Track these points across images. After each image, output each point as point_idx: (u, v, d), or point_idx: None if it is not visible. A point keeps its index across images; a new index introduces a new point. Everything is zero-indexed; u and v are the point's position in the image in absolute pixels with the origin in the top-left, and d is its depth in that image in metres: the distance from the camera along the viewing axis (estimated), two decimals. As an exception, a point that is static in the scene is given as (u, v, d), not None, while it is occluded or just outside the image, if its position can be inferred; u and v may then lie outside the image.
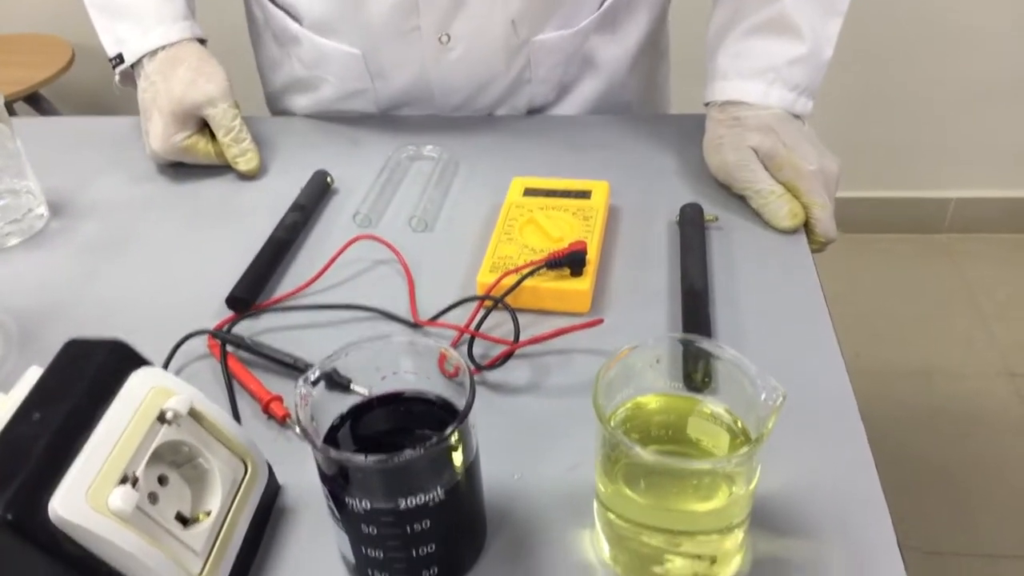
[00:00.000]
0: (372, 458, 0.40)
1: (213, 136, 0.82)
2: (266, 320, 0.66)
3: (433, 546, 0.44)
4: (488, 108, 0.90)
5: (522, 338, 0.60)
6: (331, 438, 0.46)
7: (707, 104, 0.80)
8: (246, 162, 0.81)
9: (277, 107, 0.98)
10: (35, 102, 1.93)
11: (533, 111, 0.91)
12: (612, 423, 0.46)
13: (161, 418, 0.45)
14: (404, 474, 0.42)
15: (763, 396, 0.43)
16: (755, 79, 0.75)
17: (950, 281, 2.05)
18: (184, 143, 0.80)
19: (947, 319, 1.94)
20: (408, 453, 0.40)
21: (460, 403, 0.44)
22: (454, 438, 0.42)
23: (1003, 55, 1.92)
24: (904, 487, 1.56)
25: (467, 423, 0.44)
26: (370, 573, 0.46)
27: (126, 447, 0.42)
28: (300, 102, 0.94)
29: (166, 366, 0.61)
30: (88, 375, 0.44)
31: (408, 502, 0.42)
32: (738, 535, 0.46)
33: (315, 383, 0.45)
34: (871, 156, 2.07)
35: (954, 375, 1.80)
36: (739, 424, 0.45)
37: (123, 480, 0.41)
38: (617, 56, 0.89)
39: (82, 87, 2.12)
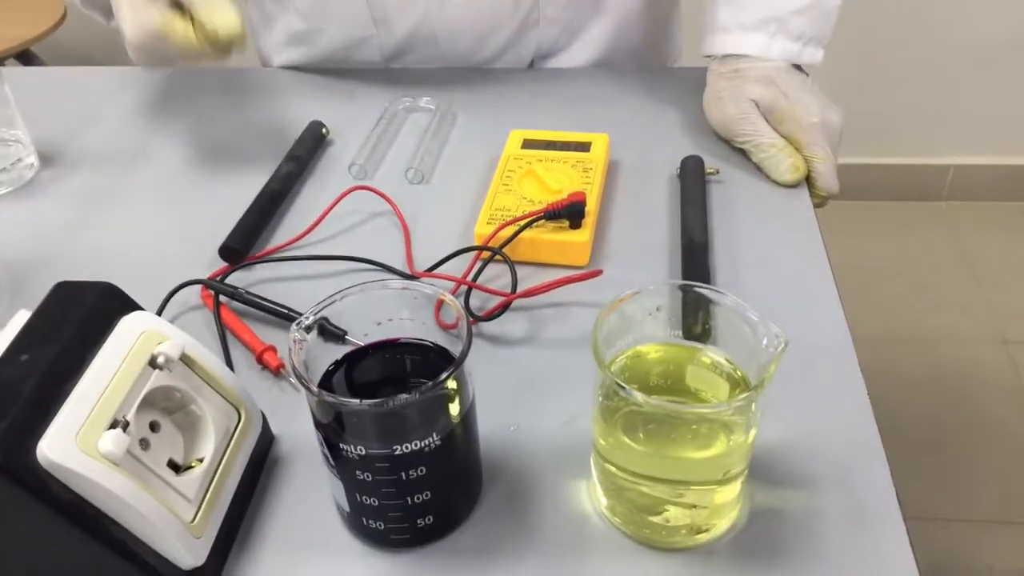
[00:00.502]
0: (367, 402, 0.40)
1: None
2: (260, 271, 0.65)
3: (428, 494, 0.44)
4: (495, 53, 0.87)
5: (519, 289, 0.59)
6: (325, 384, 0.45)
7: (707, 56, 0.78)
8: (226, 26, 0.66)
9: (271, 64, 0.96)
10: (27, 59, 1.91)
11: (541, 57, 0.89)
12: (611, 371, 0.45)
13: (152, 363, 0.44)
14: (399, 419, 0.41)
15: (764, 343, 0.42)
16: (756, 31, 0.73)
17: (947, 248, 2.04)
18: (158, 25, 0.66)
19: (943, 286, 1.93)
20: (403, 397, 0.39)
21: (457, 351, 0.44)
22: (450, 384, 0.42)
23: (1003, 20, 1.90)
24: (896, 453, 1.56)
25: (464, 370, 0.43)
26: (364, 521, 0.45)
27: (117, 391, 0.42)
28: (295, 56, 0.91)
29: (159, 315, 0.60)
30: (78, 317, 0.44)
31: (403, 448, 0.41)
32: (736, 485, 0.45)
33: (308, 329, 0.44)
34: (870, 123, 2.05)
35: (949, 342, 1.80)
36: (739, 373, 0.45)
37: (113, 424, 0.41)
38: None
39: (74, 44, 2.09)
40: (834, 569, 0.44)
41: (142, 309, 0.46)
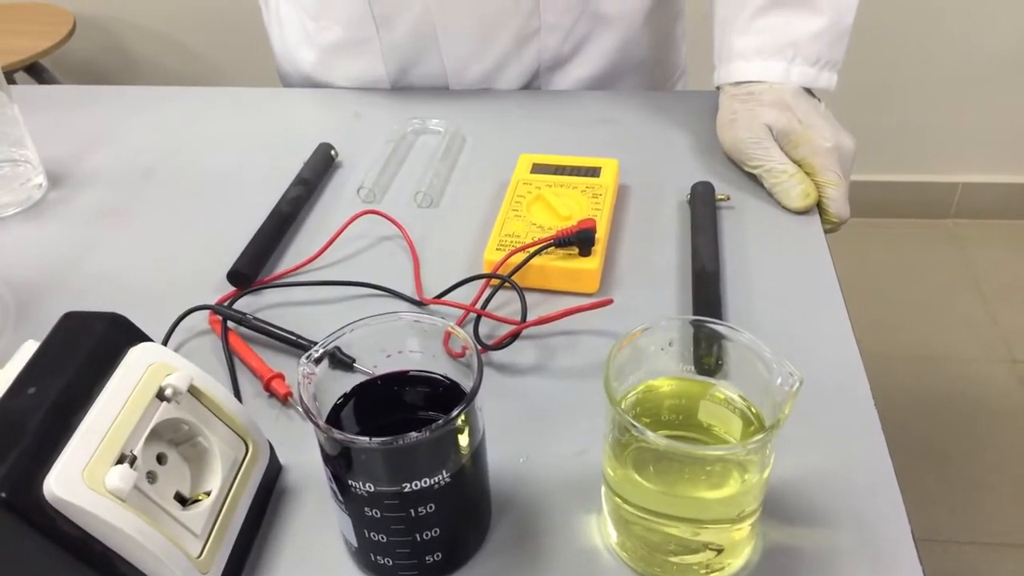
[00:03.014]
0: (376, 440, 0.39)
1: None
2: (268, 296, 0.65)
3: (438, 531, 0.43)
4: (498, 61, 0.87)
5: (529, 318, 0.58)
6: (334, 417, 0.44)
7: (719, 87, 0.78)
8: None
9: (284, 67, 0.96)
10: (36, 72, 1.91)
11: (547, 69, 0.88)
12: (623, 406, 0.45)
13: (160, 395, 0.44)
14: (409, 457, 0.41)
15: (779, 381, 0.42)
16: (775, 57, 0.73)
17: (955, 266, 2.03)
18: None
19: (951, 304, 1.93)
20: (413, 436, 0.39)
21: (466, 384, 0.43)
22: (460, 420, 0.41)
23: (1010, 38, 1.90)
24: (903, 473, 1.55)
25: (474, 405, 0.43)
26: (373, 558, 0.45)
27: (124, 424, 0.41)
28: (307, 56, 0.91)
29: (166, 341, 0.60)
30: (86, 349, 0.43)
31: (412, 485, 0.41)
32: (749, 524, 0.45)
33: (318, 361, 0.43)
34: (878, 140, 2.05)
35: (956, 360, 1.79)
36: (753, 410, 0.44)
37: (121, 458, 0.40)
38: (630, 7, 0.86)
39: (83, 57, 2.10)
40: (848, 609, 0.44)
41: (150, 340, 0.46)
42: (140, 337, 0.46)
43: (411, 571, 0.45)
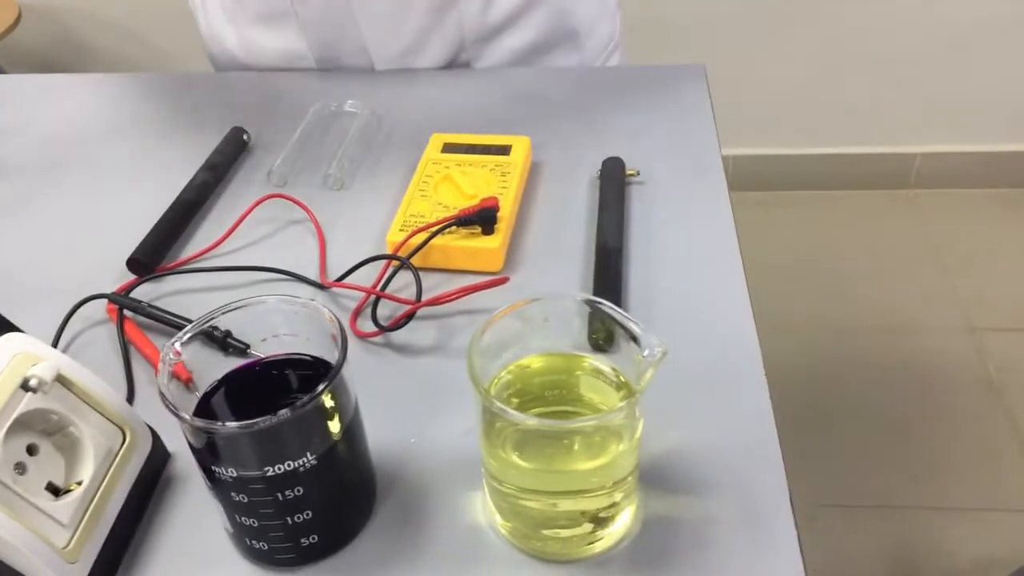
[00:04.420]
0: (232, 424, 0.39)
1: None
2: (170, 283, 0.64)
3: (309, 513, 0.43)
4: (417, 36, 0.86)
5: (427, 297, 0.58)
6: (206, 403, 0.44)
7: None
8: None
9: (212, 49, 0.94)
10: (-18, 63, 1.89)
11: (478, 40, 0.87)
12: (495, 386, 0.45)
13: (25, 386, 0.43)
14: (269, 440, 0.40)
15: (645, 352, 0.41)
16: None
17: (914, 236, 2.04)
18: None
19: (910, 274, 1.94)
20: (269, 418, 0.39)
21: (343, 366, 0.43)
22: (325, 401, 0.41)
23: (967, 6, 1.90)
24: (860, 441, 1.57)
25: (343, 385, 0.43)
26: (248, 542, 0.45)
27: (-18, 416, 0.41)
28: (230, 36, 0.90)
29: (61, 331, 0.59)
30: (-54, 342, 0.43)
31: (276, 469, 0.41)
32: (626, 491, 0.45)
33: (185, 344, 0.43)
34: (836, 112, 2.05)
35: (915, 330, 1.80)
36: (622, 378, 0.44)
37: (-23, 451, 0.40)
38: None
39: (30, 47, 2.07)
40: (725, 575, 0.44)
41: (18, 330, 0.46)
42: (6, 327, 0.45)
43: (287, 554, 0.45)
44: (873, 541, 1.42)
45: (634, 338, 0.42)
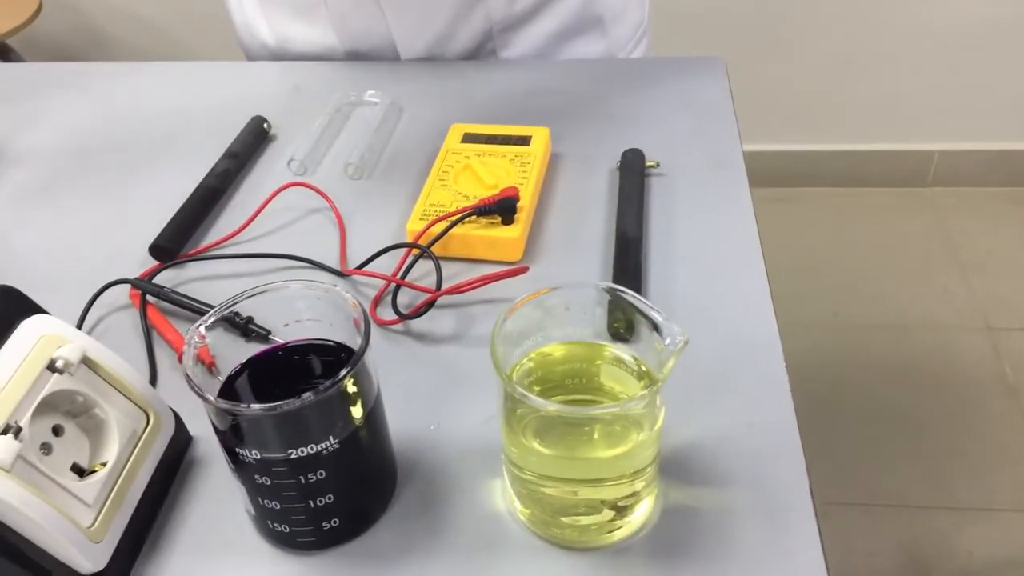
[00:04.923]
0: (256, 407, 0.39)
1: None
2: (192, 270, 0.65)
3: (331, 497, 0.43)
4: (446, 26, 0.86)
5: (447, 286, 0.58)
6: (229, 386, 0.44)
7: None
8: None
9: (245, 40, 0.95)
10: (3, 53, 1.90)
11: (500, 31, 0.87)
12: (517, 373, 0.45)
13: (52, 367, 0.43)
14: (293, 423, 0.41)
15: (667, 341, 0.42)
16: None
17: (932, 235, 2.03)
18: None
19: (927, 273, 1.92)
20: (293, 401, 0.39)
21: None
22: (348, 386, 0.41)
23: (986, 4, 1.88)
24: (875, 440, 1.56)
25: (366, 371, 0.43)
26: (270, 525, 0.45)
27: (10, 396, 0.41)
28: (263, 26, 0.91)
29: (84, 315, 0.60)
30: (-26, 323, 0.43)
31: (299, 452, 0.41)
32: (646, 481, 0.45)
33: (210, 329, 0.43)
34: (855, 109, 2.04)
35: (932, 328, 1.79)
36: (643, 368, 0.44)
37: (5, 430, 0.40)
38: None
39: (50, 37, 2.09)
40: (744, 566, 0.44)
41: (45, 312, 0.46)
42: (33, 309, 0.46)
43: (309, 538, 0.45)
44: (887, 540, 1.42)
45: (656, 327, 0.42)
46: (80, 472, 0.44)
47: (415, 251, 0.62)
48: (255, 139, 0.76)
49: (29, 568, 0.41)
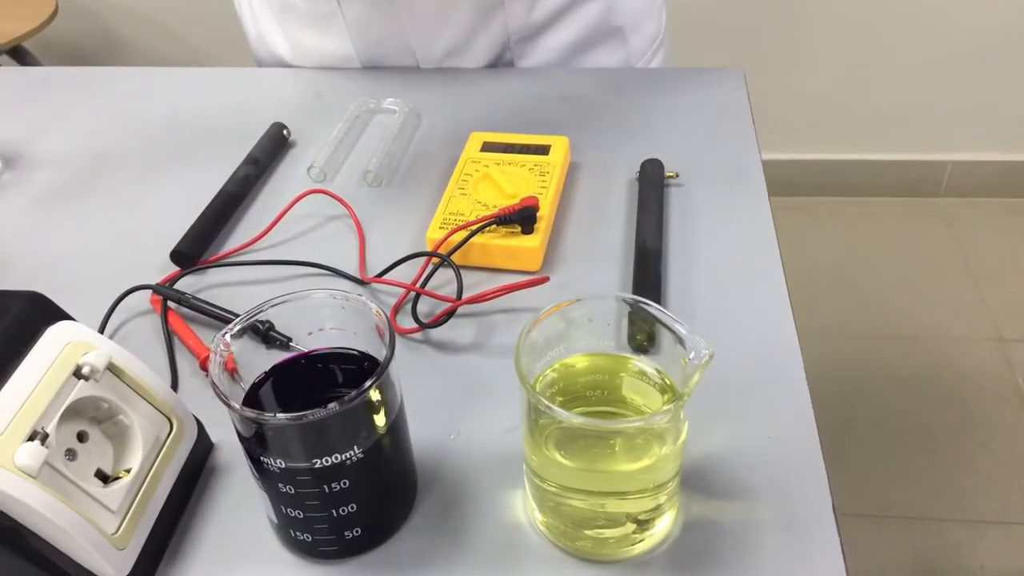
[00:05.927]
0: (282, 416, 0.39)
1: None
2: (212, 276, 0.65)
3: (354, 506, 0.44)
4: (463, 35, 0.86)
5: (468, 295, 0.58)
6: (253, 395, 0.45)
7: None
8: None
9: (259, 53, 0.95)
10: (19, 55, 1.91)
11: (518, 40, 0.87)
12: (539, 384, 0.45)
13: (78, 373, 0.44)
14: (318, 432, 0.41)
15: (692, 355, 0.42)
16: None
17: (944, 245, 2.02)
18: None
19: (939, 283, 1.92)
20: (318, 411, 0.39)
21: (388, 362, 0.43)
22: (372, 396, 0.41)
23: (999, 15, 1.88)
24: (888, 451, 1.56)
25: (389, 380, 0.43)
26: (292, 534, 0.45)
27: (37, 402, 0.41)
28: (278, 39, 0.91)
29: (106, 320, 0.60)
30: (2, 328, 0.43)
31: (324, 461, 0.41)
32: (667, 494, 0.45)
33: (235, 337, 0.43)
34: (867, 119, 2.04)
35: (944, 339, 1.78)
36: (668, 381, 0.44)
37: (32, 436, 0.40)
38: None
39: (66, 40, 2.10)
40: (766, 582, 0.44)
41: (71, 319, 0.46)
42: (59, 316, 0.46)
43: (331, 547, 0.45)
44: (900, 553, 1.41)
45: (680, 340, 0.42)
46: (104, 478, 0.45)
47: (435, 260, 0.62)
48: (275, 145, 0.76)
49: (54, 574, 0.41)
